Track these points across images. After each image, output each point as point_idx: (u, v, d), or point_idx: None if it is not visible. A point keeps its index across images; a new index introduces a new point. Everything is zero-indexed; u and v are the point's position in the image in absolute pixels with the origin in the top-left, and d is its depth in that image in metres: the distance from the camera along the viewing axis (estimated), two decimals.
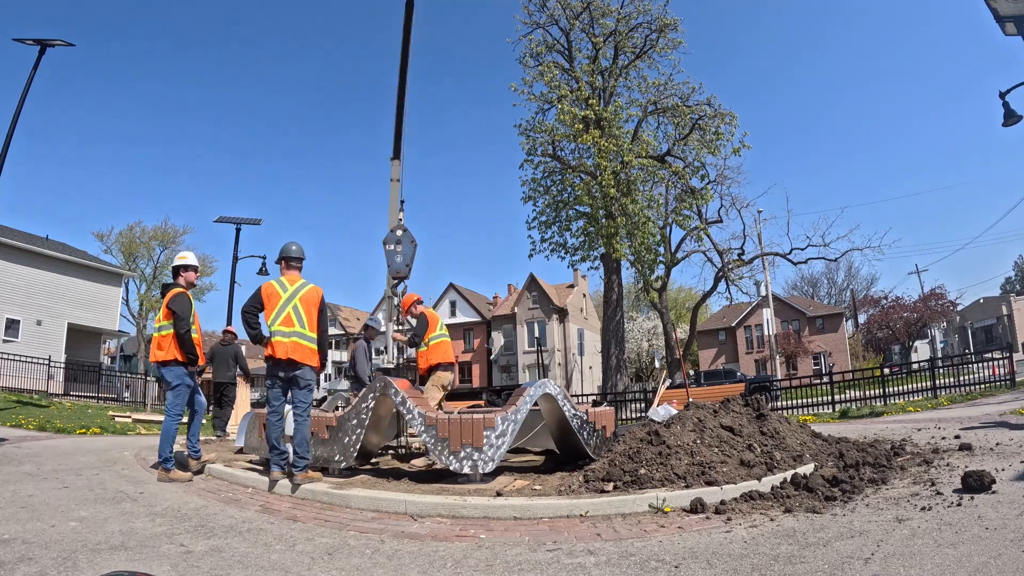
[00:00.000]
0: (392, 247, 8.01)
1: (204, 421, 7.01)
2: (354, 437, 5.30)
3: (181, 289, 5.65)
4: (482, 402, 14.92)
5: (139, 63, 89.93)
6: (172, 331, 5.41)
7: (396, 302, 8.26)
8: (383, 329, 8.49)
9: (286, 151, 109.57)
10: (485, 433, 4.76)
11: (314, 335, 4.90)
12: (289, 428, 5.04)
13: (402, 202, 8.63)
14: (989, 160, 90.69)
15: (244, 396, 10.97)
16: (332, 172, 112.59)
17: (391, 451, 7.32)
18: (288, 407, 5.10)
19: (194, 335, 5.59)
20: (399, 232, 8.08)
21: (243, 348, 11.28)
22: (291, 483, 4.72)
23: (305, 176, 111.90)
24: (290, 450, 4.88)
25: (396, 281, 8.13)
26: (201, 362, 5.77)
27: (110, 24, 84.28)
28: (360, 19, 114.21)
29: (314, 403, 6.78)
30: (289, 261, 5.10)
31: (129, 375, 29.87)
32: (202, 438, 9.05)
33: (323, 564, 2.89)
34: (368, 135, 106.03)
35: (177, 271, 5.85)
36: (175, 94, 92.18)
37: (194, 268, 5.93)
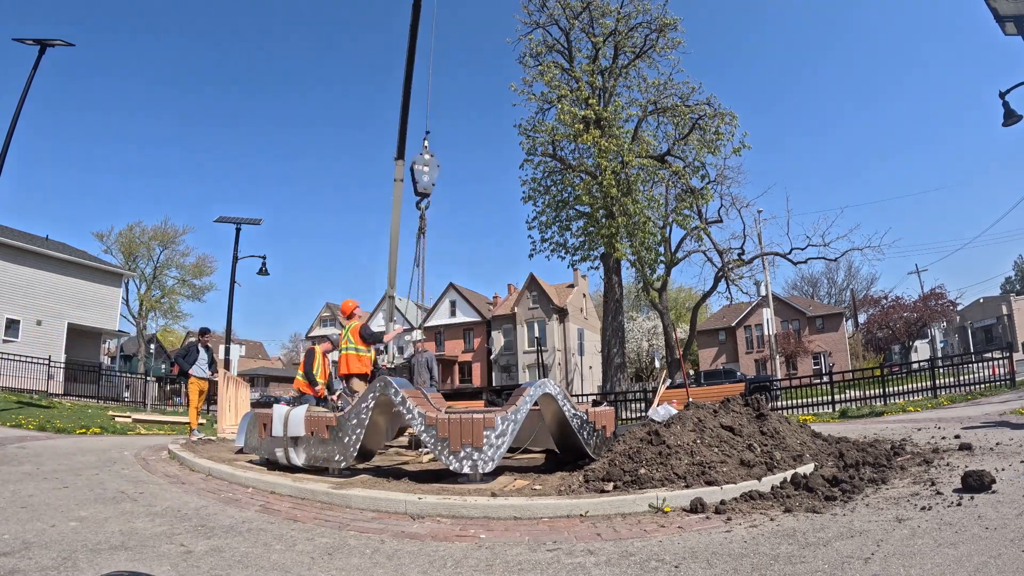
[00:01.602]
0: (420, 166, 8.71)
1: (203, 421, 7.04)
2: (354, 437, 5.30)
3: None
4: (482, 402, 14.92)
5: (139, 63, 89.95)
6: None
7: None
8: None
9: (286, 151, 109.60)
10: (485, 433, 4.76)
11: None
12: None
13: (427, 132, 9.07)
14: (989, 160, 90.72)
15: (245, 396, 10.97)
16: (332, 172, 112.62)
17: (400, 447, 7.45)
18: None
19: None
20: (427, 155, 8.76)
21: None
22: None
23: (305, 176, 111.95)
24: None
25: (420, 199, 8.85)
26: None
27: (110, 24, 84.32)
28: (361, 16, 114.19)
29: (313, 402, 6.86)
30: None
31: (129, 375, 29.88)
32: (202, 436, 9.06)
33: (323, 564, 2.89)
34: (368, 134, 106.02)
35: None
36: (175, 94, 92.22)
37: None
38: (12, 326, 22.02)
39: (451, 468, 4.86)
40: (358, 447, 5.31)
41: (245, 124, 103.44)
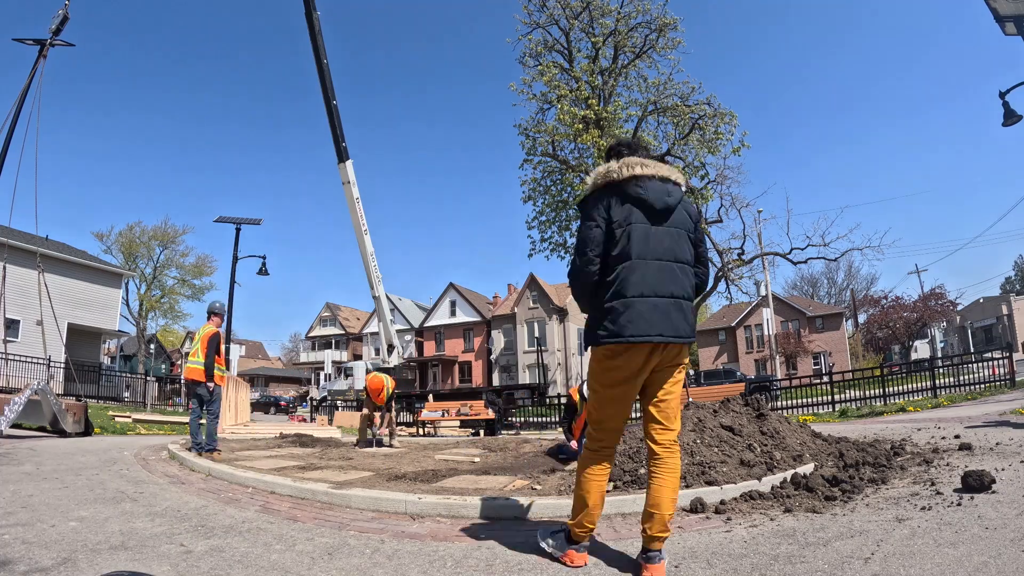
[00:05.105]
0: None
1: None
2: None
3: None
4: (481, 402, 14.97)
5: (139, 63, 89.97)
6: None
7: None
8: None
9: (286, 150, 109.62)
10: None
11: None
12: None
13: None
14: (989, 160, 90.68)
15: (245, 396, 10.98)
16: (333, 171, 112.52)
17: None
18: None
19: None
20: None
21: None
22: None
23: (306, 175, 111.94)
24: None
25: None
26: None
27: (110, 24, 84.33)
28: (361, 17, 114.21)
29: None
30: None
31: (129, 375, 29.87)
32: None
33: (323, 564, 2.89)
34: (368, 134, 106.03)
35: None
36: (175, 94, 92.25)
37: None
38: (12, 326, 21.99)
39: None
40: None
41: (245, 124, 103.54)
